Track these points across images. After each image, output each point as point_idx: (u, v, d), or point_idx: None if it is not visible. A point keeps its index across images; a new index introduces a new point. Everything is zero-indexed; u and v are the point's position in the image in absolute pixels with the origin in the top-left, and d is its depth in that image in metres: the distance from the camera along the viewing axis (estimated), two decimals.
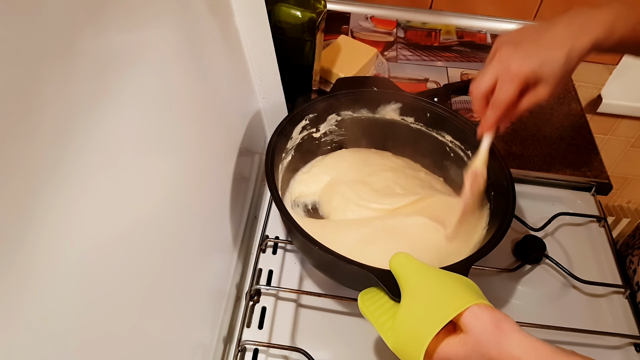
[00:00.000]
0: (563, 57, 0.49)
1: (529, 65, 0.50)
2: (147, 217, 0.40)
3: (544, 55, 0.50)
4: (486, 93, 0.53)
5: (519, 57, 0.50)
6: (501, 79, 0.51)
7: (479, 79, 0.53)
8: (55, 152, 0.27)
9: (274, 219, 0.70)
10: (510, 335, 0.39)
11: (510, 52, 0.51)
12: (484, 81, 0.53)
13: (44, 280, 0.27)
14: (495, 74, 0.52)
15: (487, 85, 0.52)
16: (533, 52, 0.50)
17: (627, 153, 1.32)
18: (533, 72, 0.50)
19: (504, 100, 0.52)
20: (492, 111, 0.54)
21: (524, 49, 0.51)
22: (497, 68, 0.52)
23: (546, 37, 0.50)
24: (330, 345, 0.60)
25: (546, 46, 0.50)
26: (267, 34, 0.61)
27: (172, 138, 0.45)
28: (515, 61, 0.50)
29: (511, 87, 0.51)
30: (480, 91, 0.53)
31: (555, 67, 0.50)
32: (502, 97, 0.51)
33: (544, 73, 0.50)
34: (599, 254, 0.72)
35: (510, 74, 0.50)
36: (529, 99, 0.52)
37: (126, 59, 0.35)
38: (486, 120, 0.55)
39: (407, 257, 0.47)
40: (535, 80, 0.51)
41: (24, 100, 0.25)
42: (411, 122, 0.72)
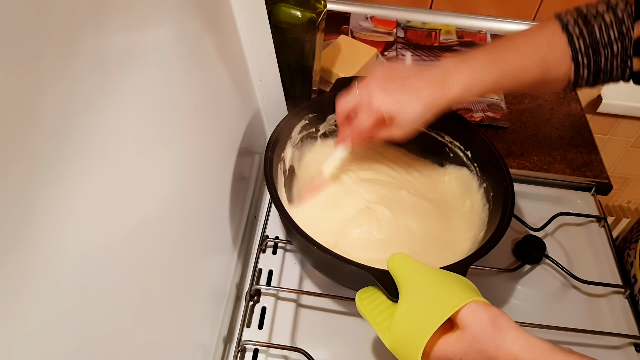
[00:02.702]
0: (420, 108, 0.53)
1: (387, 107, 0.54)
2: (146, 217, 0.40)
3: (403, 102, 0.53)
4: (347, 112, 0.58)
5: (382, 95, 0.54)
6: (361, 108, 0.56)
7: (346, 98, 0.57)
8: (55, 150, 0.27)
9: (274, 219, 0.70)
10: (508, 332, 0.39)
11: (377, 87, 0.55)
12: (347, 101, 0.57)
13: (43, 279, 0.27)
14: (359, 99, 0.56)
15: (349, 106, 0.57)
16: (395, 95, 0.54)
17: (627, 153, 1.32)
18: (389, 113, 0.54)
19: (359, 127, 0.56)
20: (349, 130, 0.59)
21: (389, 89, 0.54)
22: (362, 95, 0.55)
23: (412, 84, 0.54)
24: (330, 345, 0.60)
25: (409, 92, 0.54)
26: (267, 34, 0.61)
27: (172, 138, 0.45)
28: (377, 98, 0.54)
29: (368, 119, 0.55)
30: (343, 109, 0.58)
31: (411, 116, 0.54)
32: (358, 124, 0.56)
33: (400, 118, 0.54)
34: (599, 254, 0.72)
35: (370, 107, 0.54)
36: (383, 134, 0.57)
37: (126, 59, 0.35)
38: (343, 135, 0.61)
39: (404, 257, 0.47)
40: (390, 120, 0.54)
41: (24, 99, 0.25)
42: None
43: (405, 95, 0.53)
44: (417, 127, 0.56)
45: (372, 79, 0.56)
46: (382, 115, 0.54)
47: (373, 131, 0.57)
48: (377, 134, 0.57)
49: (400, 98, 0.53)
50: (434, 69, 0.55)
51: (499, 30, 1.04)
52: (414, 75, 0.55)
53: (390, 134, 0.56)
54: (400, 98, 0.53)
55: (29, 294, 0.26)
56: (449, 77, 0.54)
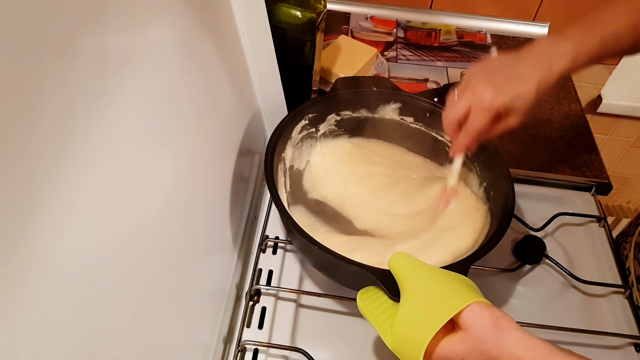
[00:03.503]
0: (533, 91, 0.53)
1: (502, 99, 0.53)
2: (146, 217, 0.40)
3: (515, 89, 0.53)
4: (459, 121, 0.56)
5: (492, 90, 0.53)
6: (475, 110, 0.54)
7: (453, 108, 0.56)
8: (55, 151, 0.27)
9: (274, 219, 0.70)
10: (509, 333, 0.39)
11: (483, 84, 0.54)
12: (457, 110, 0.56)
13: (44, 280, 0.27)
14: (469, 104, 0.55)
15: (460, 114, 0.56)
16: (505, 85, 0.53)
17: (627, 153, 1.32)
18: (505, 105, 0.53)
19: (477, 129, 0.55)
20: (464, 136, 0.57)
21: (497, 82, 0.54)
22: (471, 99, 0.55)
23: (516, 71, 0.54)
24: (330, 345, 0.60)
25: (517, 78, 0.53)
26: (267, 34, 0.61)
27: (171, 138, 0.45)
28: (488, 94, 0.53)
29: (484, 118, 0.54)
30: (453, 119, 0.57)
31: (526, 100, 0.53)
32: (476, 126, 0.55)
33: (516, 105, 0.53)
34: (599, 254, 0.72)
35: (484, 106, 0.54)
36: (500, 127, 0.56)
37: (126, 59, 0.35)
38: (458, 144, 0.59)
39: (406, 257, 0.47)
40: (506, 111, 0.54)
41: (24, 99, 0.25)
42: (411, 122, 0.72)
43: (515, 83, 0.53)
44: (533, 110, 0.55)
45: (472, 79, 0.55)
46: (497, 110, 0.54)
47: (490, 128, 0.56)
48: (494, 129, 0.56)
49: (511, 88, 0.53)
50: (531, 51, 0.55)
51: (499, 30, 1.04)
52: (514, 63, 0.54)
53: (508, 125, 0.56)
54: (511, 88, 0.53)
55: (29, 294, 0.26)
56: (552, 54, 0.53)
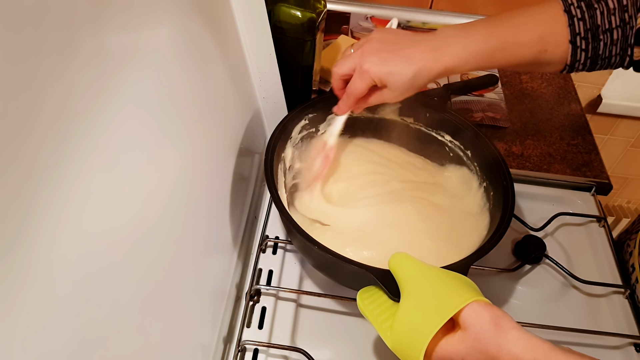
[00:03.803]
0: (409, 75, 0.54)
1: (378, 71, 0.55)
2: (146, 218, 0.40)
3: (394, 66, 0.54)
4: (344, 77, 0.59)
5: (375, 59, 0.55)
6: (356, 73, 0.57)
7: (342, 62, 0.58)
8: (54, 151, 0.27)
9: (274, 219, 0.70)
10: (509, 332, 0.39)
11: (372, 50, 0.55)
12: (343, 66, 0.58)
13: (43, 281, 0.27)
14: (353, 66, 0.57)
15: (345, 71, 0.58)
16: (388, 59, 0.55)
17: (627, 153, 1.32)
18: (380, 78, 0.55)
19: (354, 92, 0.57)
20: (346, 97, 0.59)
21: (383, 54, 0.55)
22: (356, 61, 0.56)
23: (407, 50, 0.55)
24: (330, 345, 0.60)
25: (402, 58, 0.54)
26: (267, 34, 0.61)
27: (171, 138, 0.45)
28: (369, 62, 0.55)
29: (360, 84, 0.56)
30: (339, 74, 0.59)
31: (401, 80, 0.54)
32: (353, 88, 0.57)
33: (390, 82, 0.55)
34: (599, 254, 0.72)
35: (362, 72, 0.55)
36: (376, 97, 0.58)
37: (126, 59, 0.35)
38: (342, 103, 0.61)
39: (405, 257, 0.47)
40: (382, 84, 0.55)
41: (23, 99, 0.25)
42: (410, 122, 0.72)
43: (396, 60, 0.54)
44: (409, 92, 0.56)
45: (367, 42, 0.57)
46: (372, 80, 0.55)
47: (367, 95, 0.58)
48: (371, 98, 0.58)
49: (391, 63, 0.54)
50: (430, 36, 0.55)
51: None
52: (408, 42, 0.55)
53: (383, 97, 0.57)
54: (391, 63, 0.54)
55: (28, 296, 0.26)
56: (444, 45, 0.54)
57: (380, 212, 0.64)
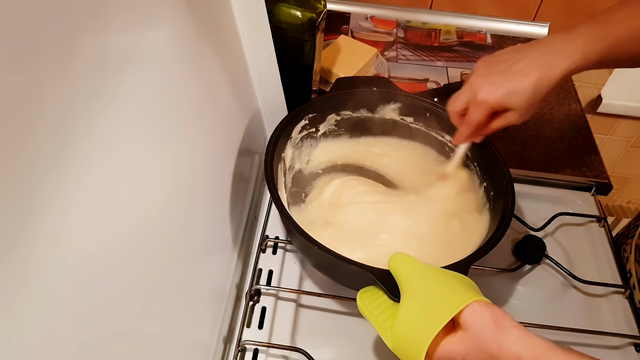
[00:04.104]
0: (530, 88, 0.52)
1: (494, 96, 0.53)
2: (146, 218, 0.40)
3: (510, 86, 0.53)
4: (459, 113, 0.58)
5: (487, 86, 0.54)
6: (471, 104, 0.56)
7: (454, 100, 0.58)
8: (55, 151, 0.27)
9: (274, 219, 0.70)
10: (509, 331, 0.39)
11: (480, 79, 0.55)
12: (457, 103, 0.58)
13: (42, 281, 0.27)
14: (467, 98, 0.56)
15: (460, 107, 0.58)
16: (500, 82, 0.53)
17: (627, 153, 1.32)
18: (499, 103, 0.54)
19: (473, 123, 0.57)
20: (464, 128, 0.59)
21: (493, 78, 0.54)
22: (468, 93, 0.56)
23: (517, 66, 0.53)
24: (330, 345, 0.60)
25: (515, 75, 0.53)
26: (267, 34, 0.61)
27: (171, 138, 0.45)
28: (482, 90, 0.54)
29: (478, 114, 0.55)
30: (454, 111, 0.59)
31: (522, 97, 0.53)
32: (472, 120, 0.57)
33: (511, 103, 0.53)
34: (599, 254, 0.72)
35: (477, 102, 0.55)
36: (499, 122, 0.57)
37: (125, 59, 0.35)
38: (460, 134, 0.61)
39: (405, 257, 0.47)
40: (502, 108, 0.54)
41: (23, 99, 0.25)
42: (411, 122, 0.72)
43: (510, 81, 0.53)
44: (534, 107, 0.54)
45: (474, 72, 0.55)
46: (490, 107, 0.54)
47: (488, 123, 0.57)
48: (494, 124, 0.57)
49: (506, 84, 0.53)
50: (536, 46, 0.54)
51: (499, 30, 1.04)
52: (517, 58, 0.54)
53: (507, 120, 0.56)
54: (506, 84, 0.53)
55: (28, 297, 0.26)
56: (558, 50, 0.52)
57: (378, 210, 0.64)
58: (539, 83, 0.52)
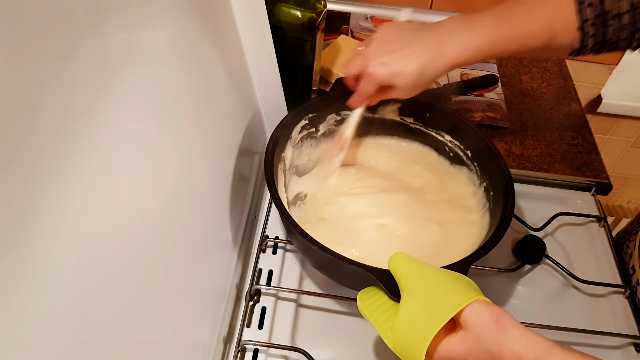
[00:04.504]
0: (415, 73, 0.54)
1: (382, 74, 0.55)
2: (146, 217, 0.40)
3: (398, 67, 0.54)
4: (353, 77, 0.60)
5: (377, 62, 0.55)
6: (362, 75, 0.57)
7: (350, 64, 0.59)
8: (54, 150, 0.27)
9: (274, 219, 0.70)
10: (510, 331, 0.39)
11: (374, 52, 0.55)
12: (350, 69, 0.59)
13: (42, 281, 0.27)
14: (360, 67, 0.57)
15: (353, 73, 0.59)
16: (390, 61, 0.54)
17: (627, 153, 1.32)
18: (385, 80, 0.55)
19: (363, 92, 0.59)
20: (357, 96, 0.61)
21: (385, 55, 0.55)
22: (361, 63, 0.57)
23: (410, 48, 0.54)
24: (330, 345, 0.60)
25: (405, 57, 0.54)
26: (267, 34, 0.61)
27: (171, 138, 0.45)
28: (372, 64, 0.55)
29: (368, 86, 0.57)
30: (348, 74, 0.60)
31: (407, 79, 0.54)
32: (362, 90, 0.59)
33: (396, 83, 0.55)
34: (599, 254, 0.72)
35: (367, 74, 0.56)
36: (385, 95, 0.59)
37: (125, 58, 0.35)
38: (354, 99, 0.62)
39: (405, 257, 0.47)
40: (388, 85, 0.56)
41: (23, 97, 0.25)
42: (410, 122, 0.72)
43: (400, 61, 0.54)
44: (417, 89, 0.56)
45: (370, 43, 0.57)
46: (378, 82, 0.56)
47: (378, 92, 0.58)
48: (381, 96, 0.59)
49: (394, 64, 0.54)
50: (434, 29, 0.55)
51: None
52: (412, 39, 0.55)
53: (393, 95, 0.58)
54: (395, 64, 0.54)
55: (27, 296, 0.26)
56: (448, 39, 0.53)
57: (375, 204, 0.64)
58: (424, 70, 0.53)
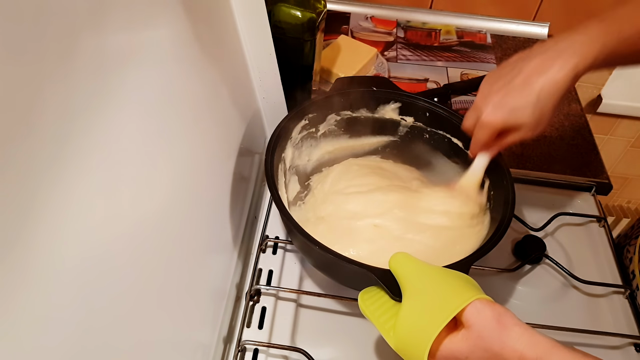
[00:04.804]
0: (532, 101, 0.49)
1: (497, 117, 0.51)
2: (146, 217, 0.40)
3: (512, 103, 0.50)
4: (471, 131, 0.57)
5: (489, 107, 0.52)
6: (476, 125, 0.55)
7: (465, 119, 0.57)
8: (54, 150, 0.27)
9: (274, 219, 0.70)
10: (512, 329, 0.39)
11: (483, 99, 0.53)
12: (466, 123, 0.57)
13: (42, 280, 0.27)
14: (474, 119, 0.55)
15: (470, 127, 0.56)
16: (501, 101, 0.51)
17: (627, 153, 1.32)
18: (503, 122, 0.51)
19: (480, 142, 0.56)
20: (474, 144, 0.58)
21: (494, 96, 0.52)
22: (474, 114, 0.55)
23: (518, 78, 0.50)
24: (331, 345, 0.60)
25: (516, 89, 0.50)
26: (267, 34, 0.61)
27: (172, 138, 0.45)
28: (485, 112, 0.52)
29: (484, 134, 0.54)
30: (466, 129, 0.58)
31: (526, 113, 0.50)
32: (476, 140, 0.56)
33: (516, 121, 0.51)
34: (599, 254, 0.72)
35: (481, 123, 0.53)
36: (510, 139, 0.54)
37: (126, 59, 0.35)
38: (472, 149, 0.59)
39: (406, 257, 0.47)
40: (510, 127, 0.52)
41: (23, 98, 0.25)
42: (411, 122, 0.72)
43: (511, 97, 0.50)
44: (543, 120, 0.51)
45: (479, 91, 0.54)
46: (495, 128, 0.52)
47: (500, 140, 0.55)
48: (506, 141, 0.55)
49: (507, 103, 0.50)
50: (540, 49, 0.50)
51: (498, 30, 1.04)
52: (518, 69, 0.51)
53: (519, 136, 0.53)
54: (508, 103, 0.50)
55: (28, 295, 0.26)
56: (560, 51, 0.49)
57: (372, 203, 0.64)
58: (541, 93, 0.49)
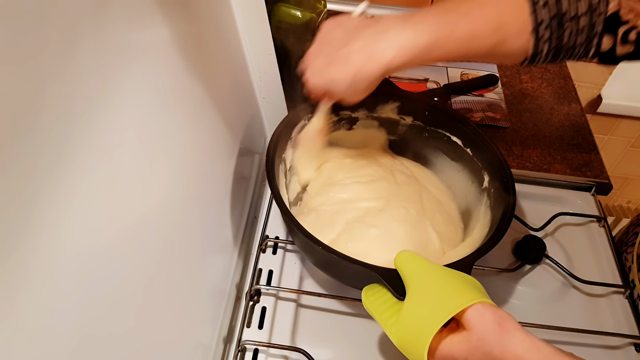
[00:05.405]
0: (348, 79, 0.50)
1: (318, 83, 0.53)
2: (146, 217, 0.40)
3: (331, 75, 0.51)
4: None
5: (312, 69, 0.53)
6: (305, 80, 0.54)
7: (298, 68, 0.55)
8: (55, 150, 0.27)
9: (274, 219, 0.70)
10: (513, 334, 0.39)
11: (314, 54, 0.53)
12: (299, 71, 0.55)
13: (43, 279, 0.27)
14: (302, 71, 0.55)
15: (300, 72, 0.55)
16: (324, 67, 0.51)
17: (627, 153, 1.33)
18: (324, 88, 0.53)
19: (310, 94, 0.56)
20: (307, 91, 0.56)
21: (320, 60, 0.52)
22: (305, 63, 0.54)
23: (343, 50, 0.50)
24: (331, 345, 0.60)
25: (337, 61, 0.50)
26: (267, 34, 0.61)
27: (172, 138, 0.45)
28: (309, 72, 0.53)
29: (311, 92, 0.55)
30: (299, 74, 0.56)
31: (342, 86, 0.51)
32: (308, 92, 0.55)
33: (334, 89, 0.52)
34: (599, 254, 0.72)
35: (309, 84, 0.53)
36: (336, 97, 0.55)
37: (126, 59, 0.35)
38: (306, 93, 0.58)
39: (411, 255, 0.47)
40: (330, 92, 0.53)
41: (24, 98, 0.25)
42: (410, 121, 0.72)
43: (331, 69, 0.51)
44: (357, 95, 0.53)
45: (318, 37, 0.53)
46: (319, 91, 0.54)
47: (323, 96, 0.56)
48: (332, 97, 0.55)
49: (327, 75, 0.51)
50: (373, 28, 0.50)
51: None
52: (347, 40, 0.50)
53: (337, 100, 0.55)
54: (327, 74, 0.51)
55: (29, 294, 0.26)
56: (383, 38, 0.48)
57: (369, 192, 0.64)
58: (357, 75, 0.49)
